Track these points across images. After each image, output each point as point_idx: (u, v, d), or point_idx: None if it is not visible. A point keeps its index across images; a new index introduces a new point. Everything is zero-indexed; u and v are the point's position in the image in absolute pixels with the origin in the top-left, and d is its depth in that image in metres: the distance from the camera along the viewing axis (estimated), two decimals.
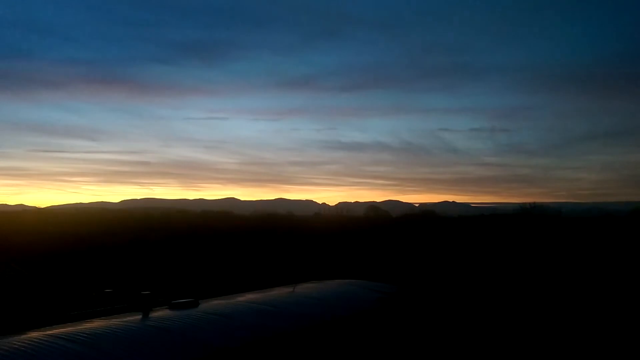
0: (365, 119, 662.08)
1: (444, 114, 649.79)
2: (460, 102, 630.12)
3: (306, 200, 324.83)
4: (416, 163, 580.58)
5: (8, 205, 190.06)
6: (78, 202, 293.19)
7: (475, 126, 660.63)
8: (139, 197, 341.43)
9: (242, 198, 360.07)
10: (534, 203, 62.93)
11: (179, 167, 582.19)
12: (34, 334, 11.75)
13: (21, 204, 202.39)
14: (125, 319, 13.56)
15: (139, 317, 13.78)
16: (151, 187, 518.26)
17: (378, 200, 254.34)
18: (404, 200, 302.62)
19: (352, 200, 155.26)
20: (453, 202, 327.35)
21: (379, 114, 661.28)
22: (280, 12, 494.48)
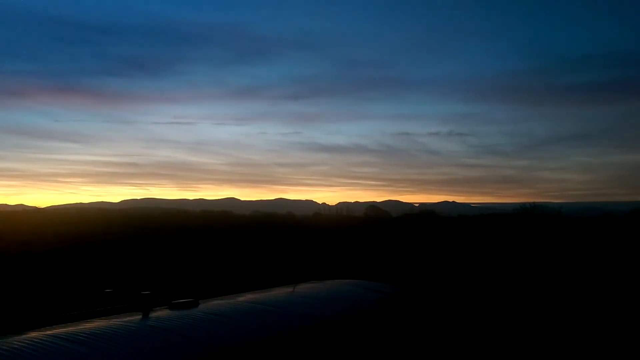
0: (325, 123, 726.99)
1: (395, 119, 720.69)
2: (404, 109, 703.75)
3: (306, 200, 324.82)
4: (403, 164, 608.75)
5: (8, 205, 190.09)
6: (78, 202, 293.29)
7: (432, 130, 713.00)
8: (138, 197, 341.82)
9: (241, 198, 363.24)
10: (534, 203, 62.88)
11: (170, 168, 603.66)
12: (34, 334, 11.74)
13: (21, 204, 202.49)
14: (125, 319, 13.56)
15: (139, 317, 13.78)
16: (147, 188, 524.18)
17: (378, 200, 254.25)
18: (404, 200, 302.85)
19: (352, 200, 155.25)
20: (453, 202, 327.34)
21: (335, 119, 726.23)
22: (210, 34, 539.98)
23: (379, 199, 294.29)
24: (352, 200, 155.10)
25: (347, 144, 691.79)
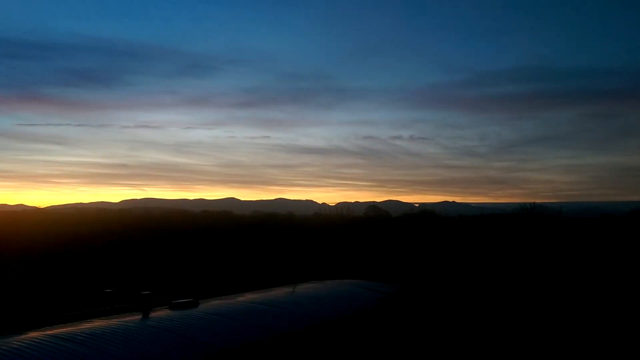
0: (289, 127, 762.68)
1: (350, 125, 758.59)
2: (354, 117, 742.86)
3: (306, 200, 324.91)
4: (390, 166, 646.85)
5: (8, 205, 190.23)
6: (78, 202, 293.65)
7: (395, 134, 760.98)
8: (138, 197, 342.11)
9: (240, 198, 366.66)
10: (534, 203, 62.87)
11: (160, 169, 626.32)
12: (34, 334, 11.75)
13: (21, 204, 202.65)
14: (125, 319, 13.56)
15: (139, 317, 13.79)
16: (144, 188, 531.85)
17: (378, 200, 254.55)
18: (404, 200, 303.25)
19: (352, 200, 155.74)
20: (453, 202, 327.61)
21: (294, 124, 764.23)
22: (150, 52, 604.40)
23: (382, 199, 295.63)
24: (352, 200, 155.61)
25: (328, 146, 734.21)
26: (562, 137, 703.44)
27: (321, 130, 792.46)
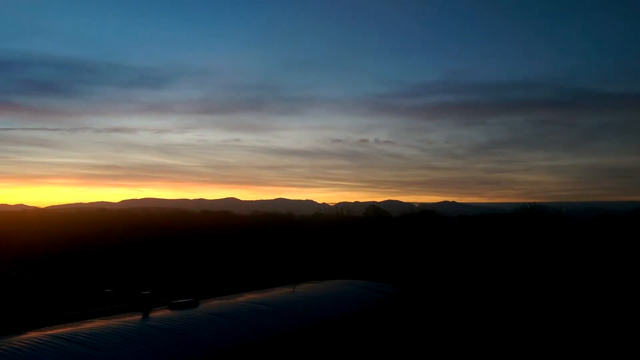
0: (257, 131, 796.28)
1: (312, 129, 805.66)
2: (312, 122, 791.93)
3: (306, 200, 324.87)
4: (375, 167, 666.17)
5: (8, 205, 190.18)
6: (78, 202, 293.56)
7: (360, 138, 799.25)
8: (138, 197, 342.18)
9: (242, 198, 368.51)
10: (534, 203, 62.86)
11: (152, 171, 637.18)
12: (34, 334, 11.75)
13: (21, 204, 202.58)
14: (125, 319, 13.57)
15: (139, 317, 13.79)
16: (140, 189, 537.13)
17: (378, 200, 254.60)
18: (404, 200, 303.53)
19: (352, 200, 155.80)
20: (453, 202, 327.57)
21: (263, 128, 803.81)
22: (99, 67, 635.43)
23: (382, 199, 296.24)
24: (352, 200, 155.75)
25: (307, 148, 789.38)
26: (526, 141, 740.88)
27: (290, 133, 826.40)
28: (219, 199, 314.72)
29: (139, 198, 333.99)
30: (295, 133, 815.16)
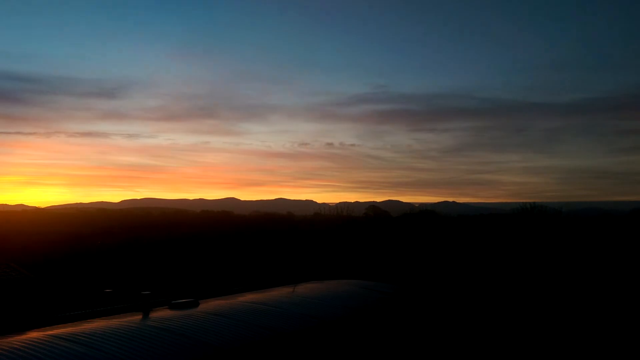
0: (223, 134, 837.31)
1: (275, 133, 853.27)
2: (273, 128, 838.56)
3: (306, 200, 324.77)
4: (358, 167, 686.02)
5: (8, 205, 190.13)
6: (78, 202, 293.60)
7: (325, 141, 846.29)
8: (138, 198, 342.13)
9: (242, 198, 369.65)
10: (534, 203, 62.85)
11: (144, 172, 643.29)
12: (34, 334, 11.75)
13: (21, 204, 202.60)
14: (125, 319, 13.57)
15: (139, 317, 13.79)
16: (137, 190, 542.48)
17: (378, 200, 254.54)
18: (404, 200, 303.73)
19: (352, 200, 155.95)
20: (453, 202, 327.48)
21: (227, 132, 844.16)
22: (53, 80, 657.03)
23: (383, 199, 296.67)
24: (352, 200, 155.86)
25: (286, 150, 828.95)
26: (490, 144, 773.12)
27: (256, 137, 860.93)
28: (219, 199, 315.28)
29: (138, 198, 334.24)
30: (260, 137, 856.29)
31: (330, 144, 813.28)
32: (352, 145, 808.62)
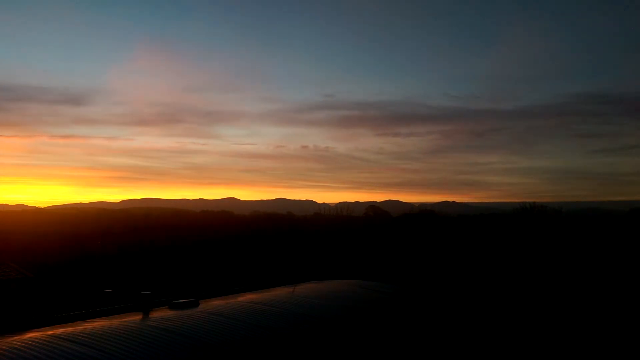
0: (199, 138, 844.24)
1: (247, 137, 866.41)
2: (241, 132, 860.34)
3: (306, 200, 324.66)
4: (344, 168, 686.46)
5: (8, 205, 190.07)
6: (78, 202, 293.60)
7: (304, 144, 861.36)
8: (139, 197, 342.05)
9: (242, 198, 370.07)
10: (534, 203, 62.90)
11: (136, 172, 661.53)
12: (34, 334, 11.76)
13: (21, 204, 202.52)
14: (125, 319, 13.58)
15: (139, 317, 13.80)
16: (130, 189, 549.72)
17: (378, 200, 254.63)
18: (404, 200, 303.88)
19: (352, 200, 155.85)
20: (453, 202, 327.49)
21: (203, 136, 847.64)
22: (19, 88, 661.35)
23: (383, 199, 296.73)
24: (352, 200, 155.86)
25: (272, 152, 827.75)
26: (464, 147, 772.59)
27: (230, 140, 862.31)
28: (219, 199, 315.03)
29: (138, 198, 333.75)
30: (238, 139, 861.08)
31: (305, 147, 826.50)
32: (327, 147, 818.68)
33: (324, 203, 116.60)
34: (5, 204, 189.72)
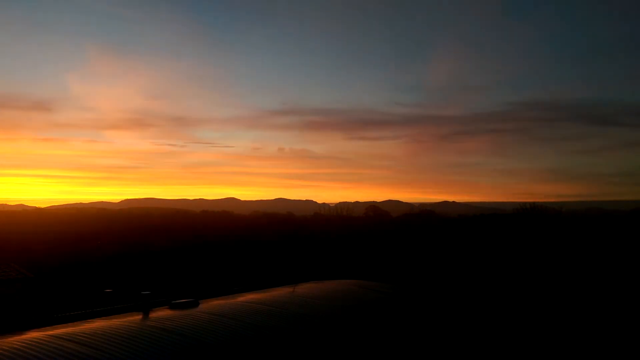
0: (179, 139, 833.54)
1: (223, 140, 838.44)
2: (214, 135, 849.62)
3: (306, 200, 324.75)
4: (334, 166, 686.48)
5: (8, 205, 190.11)
6: (78, 202, 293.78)
7: (277, 146, 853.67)
8: (139, 197, 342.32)
9: (242, 198, 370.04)
10: (534, 203, 62.93)
11: (126, 172, 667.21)
12: (34, 334, 11.77)
13: (21, 204, 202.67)
14: (125, 319, 13.59)
15: (139, 317, 13.81)
16: (122, 188, 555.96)
17: (378, 200, 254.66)
18: (404, 200, 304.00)
19: (352, 200, 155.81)
20: (453, 202, 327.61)
21: (183, 138, 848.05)
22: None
23: (383, 199, 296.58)
24: (352, 200, 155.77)
25: (258, 154, 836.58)
26: (437, 149, 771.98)
27: (218, 141, 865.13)
28: (219, 199, 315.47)
29: (139, 198, 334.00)
30: (219, 141, 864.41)
31: (282, 149, 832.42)
32: (303, 149, 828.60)
33: (323, 203, 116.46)
34: (5, 204, 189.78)
